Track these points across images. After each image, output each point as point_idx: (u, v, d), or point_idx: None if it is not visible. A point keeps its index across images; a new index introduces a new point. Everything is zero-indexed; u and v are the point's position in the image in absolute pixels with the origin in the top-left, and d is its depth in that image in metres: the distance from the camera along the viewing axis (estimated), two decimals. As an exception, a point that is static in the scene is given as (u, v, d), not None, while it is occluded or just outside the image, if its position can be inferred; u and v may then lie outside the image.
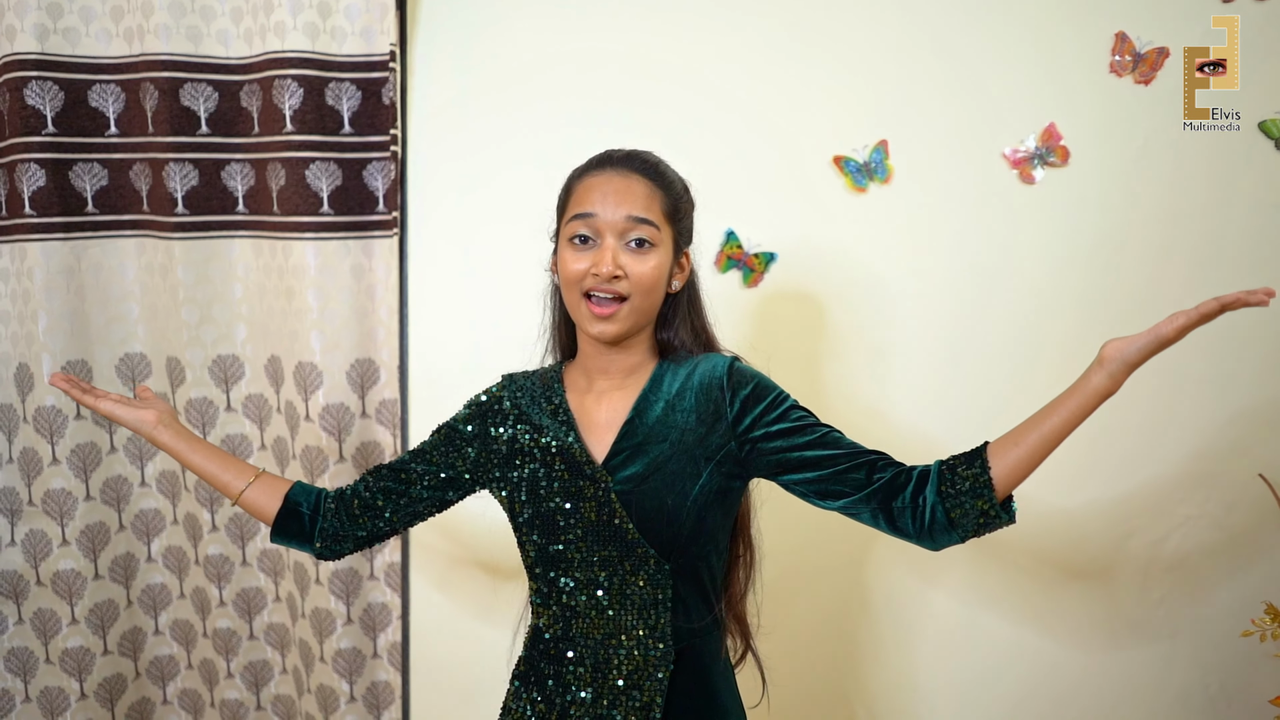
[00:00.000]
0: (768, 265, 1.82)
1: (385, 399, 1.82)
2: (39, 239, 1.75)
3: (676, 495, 1.11)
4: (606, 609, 1.12)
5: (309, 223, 1.73)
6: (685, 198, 1.19)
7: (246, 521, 1.90)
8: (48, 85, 1.72)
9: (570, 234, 1.11)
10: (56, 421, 1.81)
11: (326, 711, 1.87)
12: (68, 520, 1.84)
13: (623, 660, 1.12)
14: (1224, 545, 1.83)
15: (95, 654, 1.89)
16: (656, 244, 1.11)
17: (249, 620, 1.93)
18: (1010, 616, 1.86)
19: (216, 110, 1.75)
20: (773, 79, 1.78)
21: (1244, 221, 1.78)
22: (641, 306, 1.11)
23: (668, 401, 1.14)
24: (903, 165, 1.79)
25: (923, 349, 1.83)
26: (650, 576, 1.11)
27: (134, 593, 1.93)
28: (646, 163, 1.16)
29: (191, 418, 1.86)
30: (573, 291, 1.11)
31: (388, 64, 1.71)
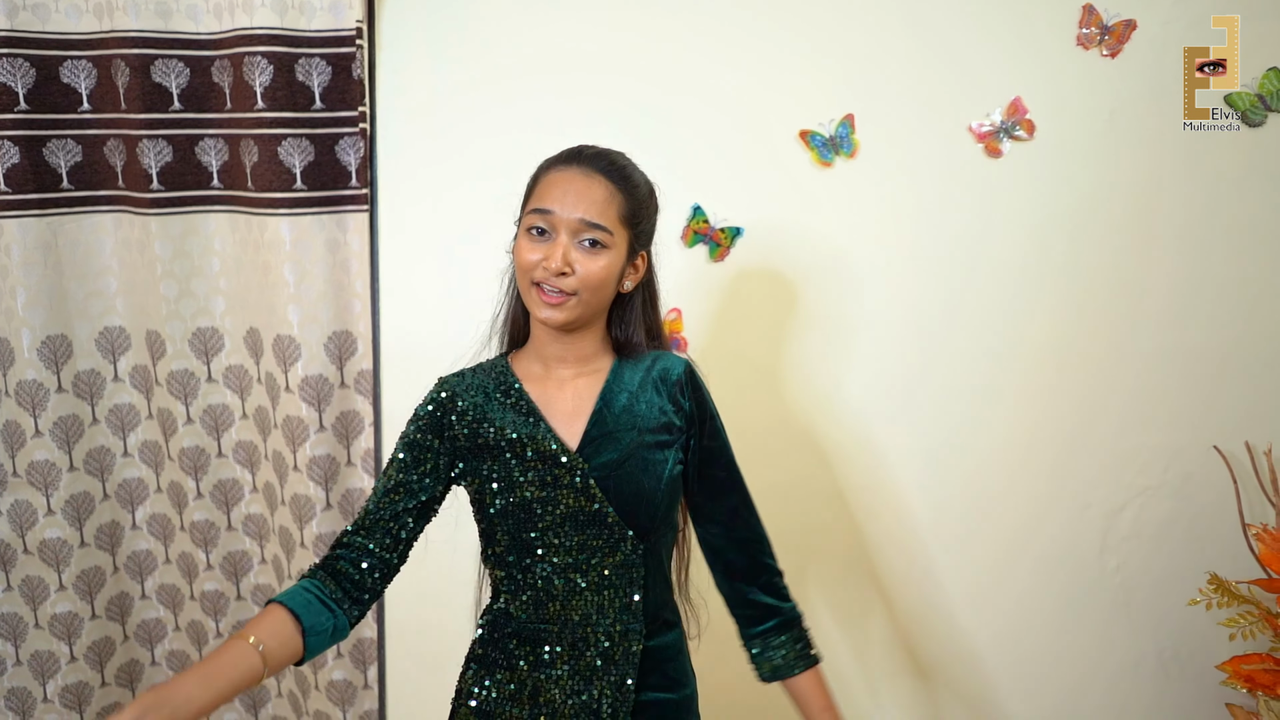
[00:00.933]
0: (734, 240, 1.84)
1: (363, 369, 1.85)
2: (15, 215, 1.77)
3: (651, 479, 1.17)
4: (585, 590, 1.16)
5: (283, 198, 1.76)
6: (649, 203, 1.21)
7: (231, 487, 1.94)
8: (18, 62, 1.73)
9: (528, 225, 1.15)
10: (38, 395, 1.85)
11: (314, 668, 1.93)
12: (52, 490, 1.88)
13: (600, 638, 1.16)
14: (1180, 515, 1.88)
15: (84, 618, 1.95)
16: (609, 246, 1.14)
17: (236, 582, 1.99)
18: (967, 584, 1.91)
19: (188, 86, 1.77)
20: (739, 53, 1.79)
21: (1211, 193, 1.80)
22: (589, 301, 1.14)
23: (630, 393, 1.20)
24: (869, 139, 1.81)
25: (888, 323, 1.86)
26: (626, 557, 1.16)
27: (120, 559, 1.99)
28: (614, 164, 1.17)
29: (173, 389, 1.90)
30: (524, 278, 1.15)
31: (353, 40, 1.72)
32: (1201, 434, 1.84)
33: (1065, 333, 1.84)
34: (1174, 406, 1.85)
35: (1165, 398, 1.85)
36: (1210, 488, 1.84)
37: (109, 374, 1.91)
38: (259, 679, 1.01)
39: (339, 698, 1.93)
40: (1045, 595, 1.90)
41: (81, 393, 1.89)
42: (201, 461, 1.94)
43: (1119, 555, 1.88)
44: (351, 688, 1.93)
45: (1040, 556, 1.89)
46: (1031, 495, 1.88)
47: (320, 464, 1.85)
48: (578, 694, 1.16)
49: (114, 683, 2.01)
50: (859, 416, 1.88)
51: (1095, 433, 1.86)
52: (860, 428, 1.88)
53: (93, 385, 1.90)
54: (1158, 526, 1.87)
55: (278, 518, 1.92)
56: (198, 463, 1.94)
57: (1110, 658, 1.90)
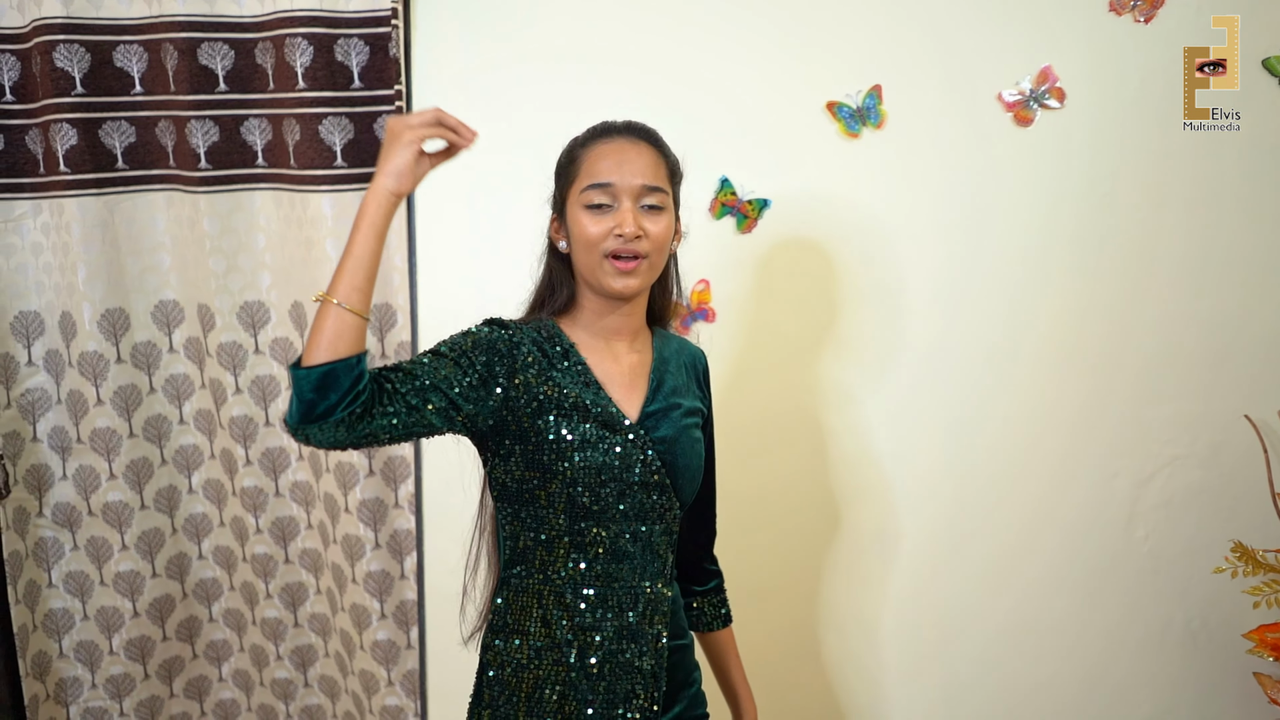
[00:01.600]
0: (761, 211, 1.86)
1: (403, 340, 1.92)
2: (74, 194, 1.87)
3: (697, 456, 1.25)
4: (633, 555, 1.20)
5: (324, 175, 1.82)
6: (678, 167, 1.26)
7: (278, 455, 2.03)
8: (74, 48, 1.81)
9: (586, 201, 1.17)
10: (99, 365, 1.95)
11: (360, 628, 2.02)
12: (114, 456, 1.99)
13: (639, 600, 1.20)
14: (1209, 485, 1.87)
15: (145, 576, 2.07)
16: (665, 208, 1.19)
17: (284, 546, 2.08)
18: (994, 552, 1.93)
19: (234, 68, 1.84)
20: (766, 25, 1.81)
21: (1242, 161, 1.78)
22: (656, 263, 1.20)
23: (673, 374, 1.27)
24: (896, 110, 1.81)
25: (916, 292, 1.87)
26: (667, 526, 1.23)
27: (178, 521, 2.09)
28: (649, 132, 1.23)
29: (222, 360, 1.98)
30: (593, 253, 1.17)
31: (389, 20, 1.77)
32: (1232, 403, 1.83)
33: (1096, 299, 1.84)
34: (1204, 375, 1.84)
35: (1195, 365, 1.84)
36: (1240, 457, 1.83)
37: (164, 345, 2.00)
38: (348, 302, 1.01)
39: (383, 657, 2.02)
40: (1073, 564, 1.91)
41: (139, 363, 1.99)
42: (250, 430, 2.03)
43: (1147, 524, 1.89)
44: (395, 648, 2.01)
45: (1067, 525, 1.90)
46: (1059, 463, 1.89)
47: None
48: (621, 652, 1.19)
49: (174, 637, 2.13)
50: (885, 385, 1.90)
51: (1124, 401, 1.86)
52: (887, 395, 1.90)
53: (149, 356, 2.00)
54: (1186, 496, 1.87)
55: (323, 484, 2.01)
56: (246, 431, 2.02)
57: (1137, 626, 1.91)
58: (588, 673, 1.17)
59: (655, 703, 1.20)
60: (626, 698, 1.18)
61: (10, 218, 1.93)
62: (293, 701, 2.14)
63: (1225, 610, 1.85)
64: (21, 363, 1.97)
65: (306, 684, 2.13)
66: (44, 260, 1.94)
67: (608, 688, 1.18)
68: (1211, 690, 1.90)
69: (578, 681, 1.17)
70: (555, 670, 1.18)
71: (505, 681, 1.19)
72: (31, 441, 2.00)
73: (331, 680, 2.11)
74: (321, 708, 2.14)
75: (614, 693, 1.18)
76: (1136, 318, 1.85)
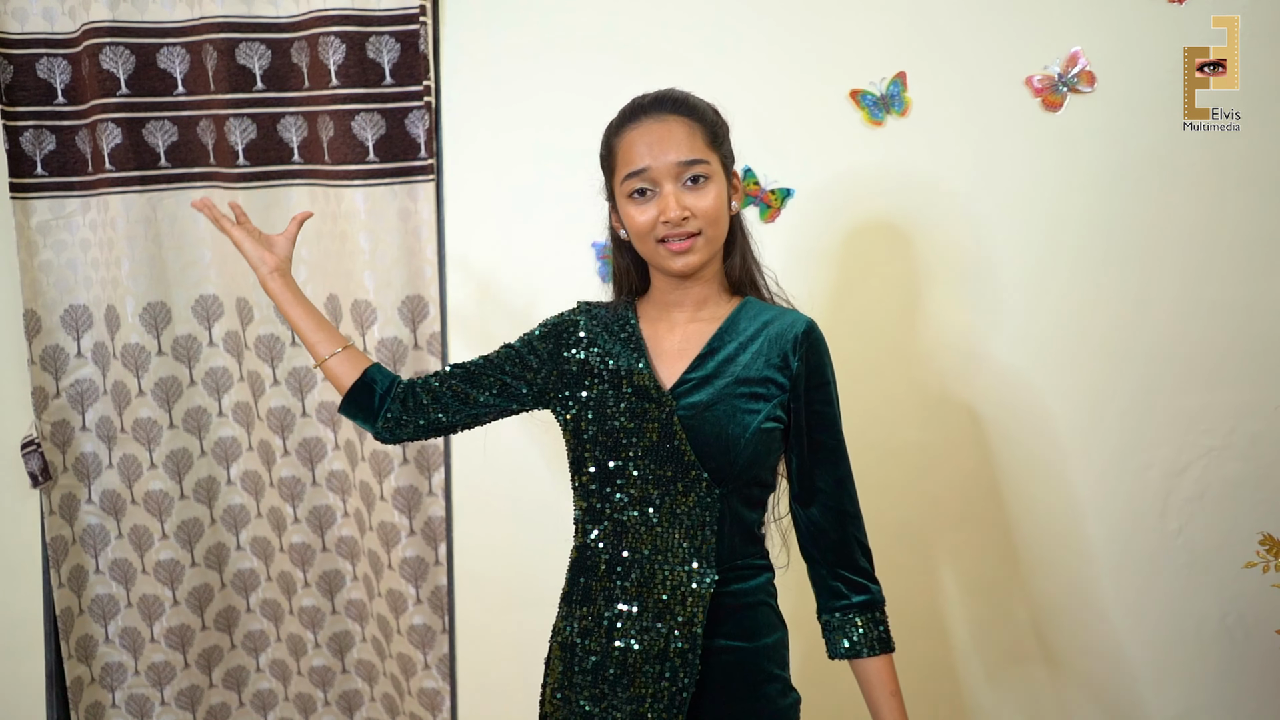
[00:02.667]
0: (784, 201, 1.87)
1: (434, 332, 1.95)
2: (119, 191, 1.94)
3: (737, 426, 1.16)
4: (655, 525, 1.18)
5: (357, 170, 1.87)
6: (720, 122, 1.23)
7: (315, 445, 2.07)
8: (120, 50, 1.88)
9: (628, 190, 1.18)
10: (141, 357, 2.01)
11: (396, 613, 2.05)
12: (154, 446, 2.05)
13: (667, 576, 1.17)
14: (1247, 477, 1.82)
15: (185, 566, 2.12)
16: (710, 176, 1.16)
17: (321, 535, 2.12)
18: (1026, 544, 1.90)
19: (270, 67, 1.89)
20: (788, 14, 1.82)
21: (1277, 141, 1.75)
22: (713, 236, 1.18)
23: (740, 342, 1.21)
24: (921, 97, 1.81)
25: (944, 281, 1.86)
26: (700, 499, 1.17)
27: (216, 512, 2.14)
28: (676, 101, 1.20)
29: (260, 352, 2.04)
30: (647, 241, 1.18)
31: (418, 17, 1.82)
32: (1270, 393, 1.79)
33: (1129, 288, 1.81)
34: (1242, 364, 1.80)
35: (1233, 355, 1.81)
36: (1278, 449, 1.79)
37: (204, 339, 2.06)
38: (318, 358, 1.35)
39: (419, 641, 2.04)
40: (1104, 556, 1.87)
41: (180, 356, 2.05)
42: (288, 421, 2.07)
43: (1180, 517, 1.84)
44: (430, 632, 2.04)
45: (1099, 517, 1.87)
46: (1091, 455, 1.86)
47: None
48: (646, 631, 1.16)
49: (213, 626, 2.17)
50: (914, 374, 1.89)
51: (1157, 391, 1.83)
52: (915, 386, 1.89)
53: (190, 349, 2.05)
54: (1222, 488, 1.82)
55: (358, 473, 2.04)
56: (284, 422, 2.07)
57: (1170, 621, 1.87)
58: (617, 646, 1.18)
59: (684, 690, 1.15)
60: (657, 678, 1.16)
61: (61, 214, 2.00)
62: (330, 688, 2.17)
63: (1261, 605, 1.81)
64: (71, 354, 2.04)
65: (344, 670, 2.16)
66: (91, 255, 2.01)
67: (638, 665, 1.16)
68: (1246, 686, 1.86)
69: (609, 654, 1.18)
70: (594, 641, 1.19)
71: (562, 646, 1.23)
72: (81, 430, 2.07)
73: (369, 664, 2.14)
74: (360, 692, 2.16)
75: (645, 672, 1.16)
76: (1177, 306, 1.82)
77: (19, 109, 1.94)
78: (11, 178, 1.96)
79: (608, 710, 1.18)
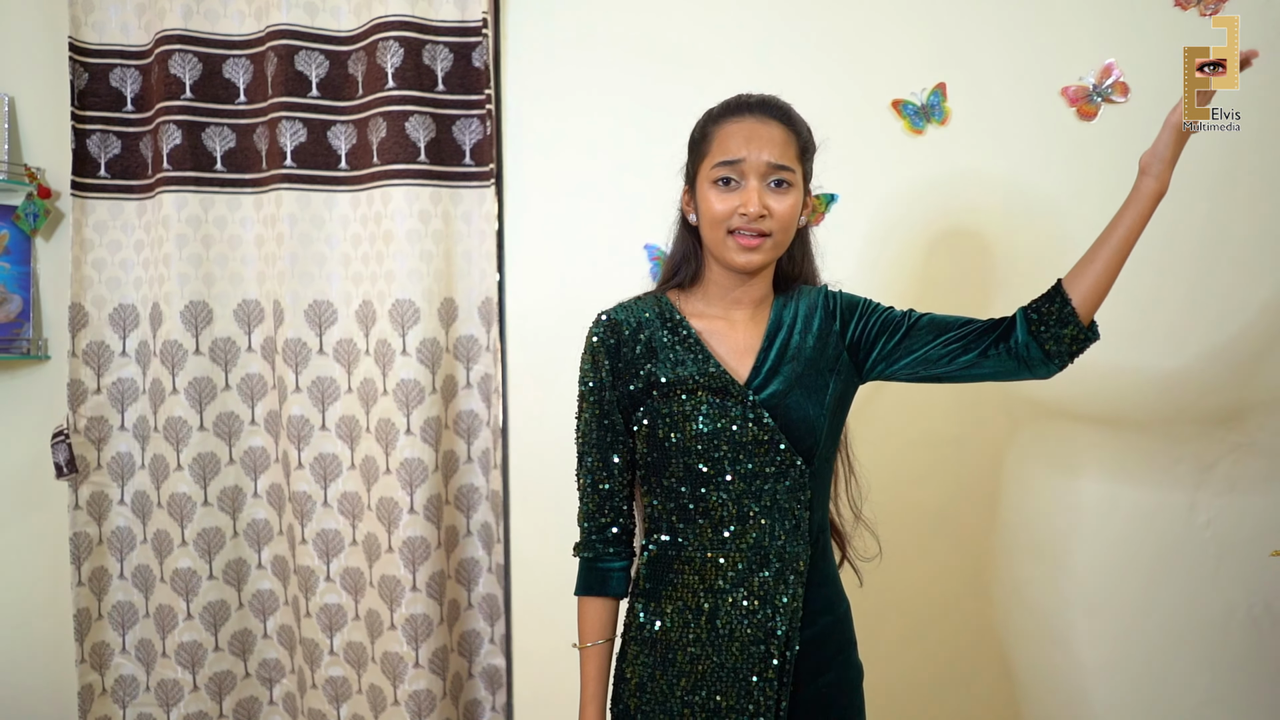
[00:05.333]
0: (829, 206, 1.89)
1: (463, 335, 1.96)
2: (173, 190, 1.98)
3: (815, 405, 1.22)
4: (758, 515, 1.20)
5: (406, 170, 1.90)
6: (811, 141, 1.28)
7: (330, 461, 2.01)
8: (188, 57, 1.97)
9: (714, 177, 1.20)
10: (178, 354, 2.01)
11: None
12: (183, 447, 2.02)
13: (773, 560, 1.20)
14: (1273, 472, 1.83)
15: (202, 577, 2.05)
16: (794, 185, 1.20)
17: (327, 563, 2.02)
18: (1057, 535, 1.89)
19: (326, 76, 1.97)
20: (833, 27, 1.89)
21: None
22: (781, 241, 1.21)
23: (789, 327, 1.26)
24: (960, 106, 1.86)
25: (980, 285, 1.86)
26: (795, 481, 1.20)
27: (240, 525, 2.08)
28: (780, 109, 1.25)
29: (287, 357, 2.01)
30: (718, 229, 1.20)
31: (480, 30, 1.90)
32: None
33: (1159, 289, 1.83)
34: (1271, 361, 1.82)
35: (1261, 352, 1.82)
36: None
37: (244, 344, 2.06)
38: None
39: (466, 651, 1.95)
40: (1136, 549, 1.88)
41: (217, 358, 2.04)
42: (305, 432, 2.00)
43: (1209, 511, 1.85)
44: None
45: (1130, 510, 1.87)
46: (1122, 449, 1.86)
47: (431, 426, 1.94)
48: (753, 614, 1.19)
49: (226, 649, 2.08)
50: None
51: (1186, 388, 1.84)
52: (955, 387, 1.87)
53: (228, 352, 2.05)
54: (1249, 483, 1.83)
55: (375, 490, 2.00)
56: (301, 432, 2.01)
57: (1199, 612, 1.87)
58: (719, 634, 1.20)
59: (788, 664, 1.19)
60: (760, 659, 1.19)
61: (119, 216, 2.06)
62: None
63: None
64: (116, 353, 2.06)
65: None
66: (144, 256, 2.05)
67: (740, 650, 1.19)
68: (1272, 673, 1.85)
69: (710, 642, 1.20)
70: (689, 633, 1.21)
71: (645, 641, 1.23)
72: (119, 430, 2.06)
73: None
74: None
75: (746, 655, 1.19)
76: (1204, 306, 1.84)
77: (89, 113, 2.03)
78: (75, 177, 2.02)
79: (709, 698, 1.20)
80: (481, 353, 2.00)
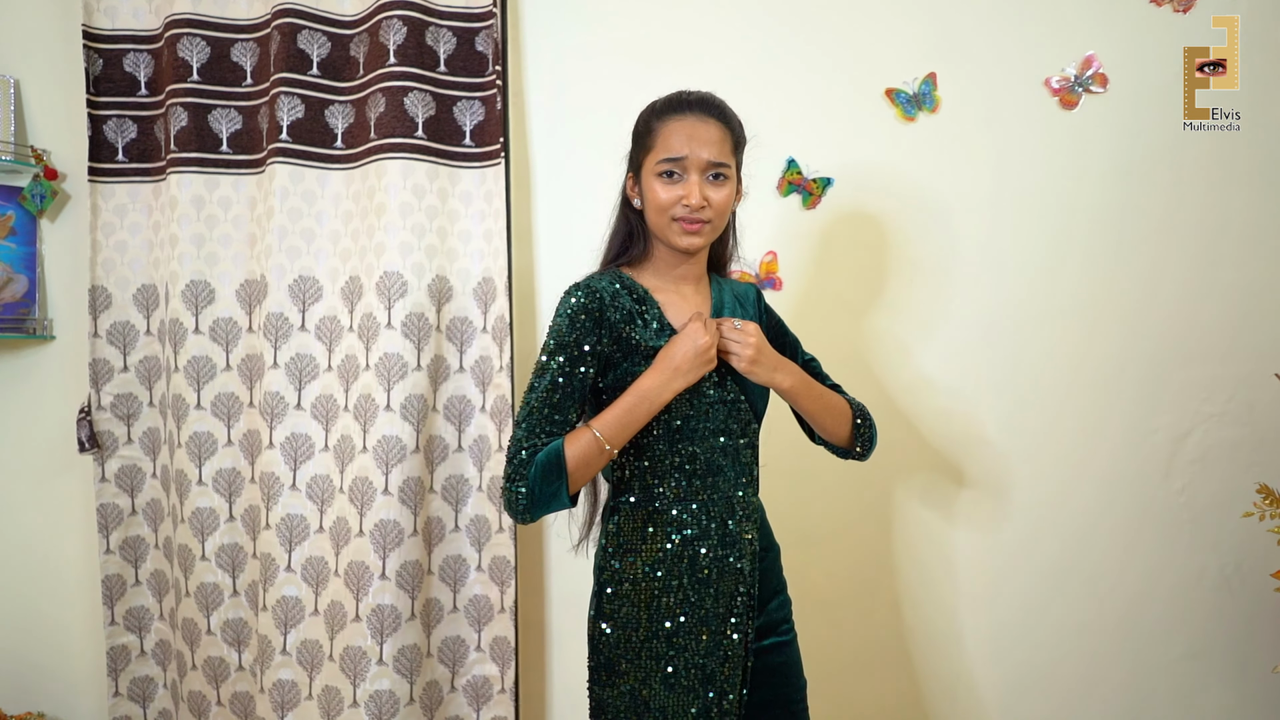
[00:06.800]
0: (825, 189, 1.95)
1: (457, 316, 1.96)
2: (178, 171, 2.00)
3: None
4: (726, 469, 1.33)
5: (403, 144, 1.90)
6: (742, 135, 1.39)
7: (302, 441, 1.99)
8: (196, 41, 2.00)
9: (659, 170, 1.31)
10: (178, 334, 2.02)
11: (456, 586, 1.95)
12: (182, 423, 2.02)
13: (734, 507, 1.34)
14: (1244, 441, 1.94)
15: (195, 557, 2.04)
16: (729, 177, 1.32)
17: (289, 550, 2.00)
18: (1038, 504, 1.98)
19: (328, 57, 1.98)
20: (828, 18, 1.96)
21: (1267, 140, 1.88)
22: (718, 225, 1.34)
23: (729, 305, 1.42)
24: (950, 95, 1.93)
25: (969, 263, 1.95)
26: (750, 440, 1.37)
27: (237, 509, 2.07)
28: (717, 107, 1.35)
29: (267, 332, 2.00)
30: (663, 216, 1.32)
31: (485, 17, 1.94)
32: (1265, 363, 1.90)
33: (1139, 270, 1.93)
34: (1241, 340, 1.92)
35: (1228, 329, 1.92)
36: (1272, 413, 1.91)
37: (244, 324, 2.05)
38: None
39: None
40: (1113, 514, 1.97)
41: (218, 337, 2.04)
42: (280, 410, 1.98)
43: (1184, 477, 1.96)
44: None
45: (1108, 478, 1.97)
46: (1101, 420, 1.96)
47: (414, 404, 1.91)
48: (725, 557, 1.32)
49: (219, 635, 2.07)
50: (938, 346, 1.97)
51: (1161, 362, 1.94)
52: (940, 356, 1.97)
53: (229, 332, 2.05)
54: (1221, 450, 1.94)
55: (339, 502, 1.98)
56: (275, 410, 1.98)
57: (1173, 572, 1.97)
58: (698, 578, 1.31)
59: (753, 599, 1.34)
60: (731, 596, 1.32)
61: (139, 198, 2.08)
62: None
63: (1257, 556, 1.90)
64: (140, 331, 2.10)
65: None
66: (161, 236, 2.06)
67: (715, 590, 1.31)
68: (1245, 632, 1.95)
69: (690, 587, 1.31)
70: (669, 580, 1.30)
71: (624, 596, 1.32)
72: (149, 406, 2.13)
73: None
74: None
75: (721, 593, 1.32)
76: (1182, 287, 1.94)
77: (104, 99, 2.06)
78: (92, 162, 2.05)
79: (692, 637, 1.30)
80: (477, 335, 1.97)
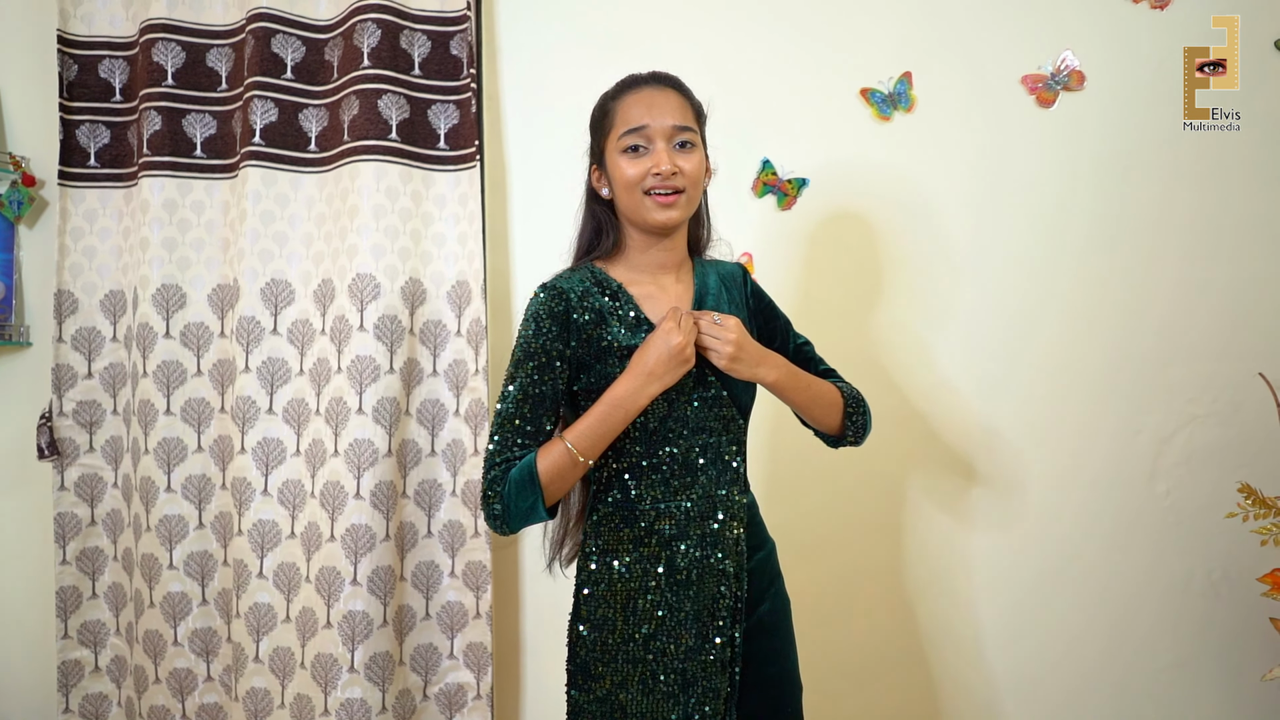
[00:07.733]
0: (800, 190, 1.93)
1: (430, 320, 1.94)
2: (151, 175, 1.99)
3: None
4: (706, 465, 1.27)
5: (376, 145, 1.89)
6: (702, 109, 1.36)
7: (274, 446, 1.97)
8: (171, 45, 2.00)
9: (623, 146, 1.27)
10: (147, 338, 1.99)
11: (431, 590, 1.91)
12: (150, 429, 1.99)
13: (717, 507, 1.28)
14: (1229, 442, 1.89)
15: (163, 566, 2.00)
16: (696, 144, 1.28)
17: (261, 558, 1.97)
18: (1023, 508, 1.94)
19: (302, 61, 1.98)
20: (802, 17, 1.96)
21: (1262, 133, 1.85)
22: (693, 196, 1.28)
23: (714, 294, 1.34)
24: (926, 94, 1.91)
25: (945, 262, 1.92)
26: (734, 436, 1.31)
27: (207, 517, 2.03)
28: (672, 79, 1.33)
29: (239, 337, 1.97)
30: (634, 192, 1.26)
31: (459, 20, 1.94)
32: (1248, 363, 1.85)
33: (1120, 269, 1.89)
34: (1222, 338, 1.89)
35: (1213, 329, 1.89)
36: (1257, 415, 1.85)
37: (216, 329, 2.03)
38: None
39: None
40: (1098, 518, 1.92)
41: (189, 343, 2.02)
42: (251, 414, 1.96)
43: (1169, 480, 1.91)
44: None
45: (1092, 481, 1.92)
46: (1084, 422, 1.92)
47: (386, 407, 1.89)
48: (706, 558, 1.26)
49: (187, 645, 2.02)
50: (915, 348, 1.93)
51: (1145, 363, 1.90)
52: (917, 358, 1.93)
53: (200, 337, 2.03)
54: (1206, 452, 1.89)
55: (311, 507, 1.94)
56: (247, 414, 1.96)
57: (1161, 578, 1.92)
58: (677, 579, 1.25)
59: (739, 601, 1.28)
60: (714, 598, 1.26)
61: (109, 204, 2.08)
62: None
63: (1244, 560, 1.85)
64: (107, 338, 2.08)
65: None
66: (131, 242, 2.05)
67: (697, 591, 1.25)
68: (1233, 637, 1.89)
69: (668, 588, 1.25)
70: (647, 581, 1.25)
71: (600, 597, 1.27)
72: (111, 415, 2.09)
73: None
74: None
75: (702, 595, 1.25)
76: (1155, 286, 1.91)
77: (78, 104, 2.06)
78: (63, 166, 2.05)
79: (672, 640, 1.24)
80: (450, 338, 1.95)
